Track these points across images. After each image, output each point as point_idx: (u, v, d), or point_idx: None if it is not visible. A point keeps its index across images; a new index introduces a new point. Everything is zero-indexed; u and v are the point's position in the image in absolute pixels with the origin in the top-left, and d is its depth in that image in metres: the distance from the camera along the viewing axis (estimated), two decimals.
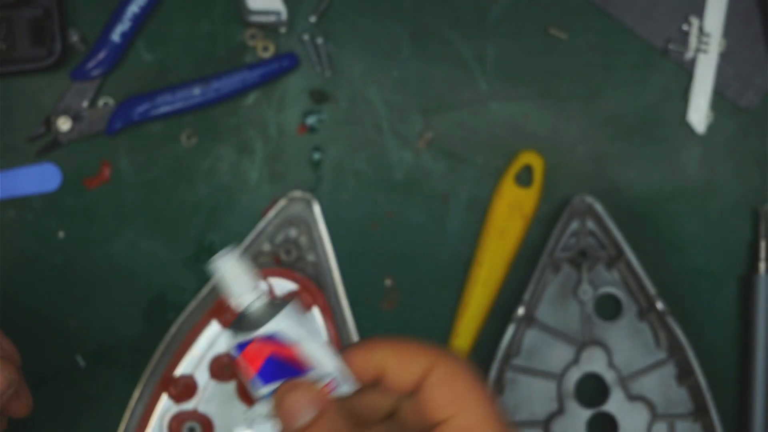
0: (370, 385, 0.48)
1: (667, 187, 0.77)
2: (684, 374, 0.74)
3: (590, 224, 0.75)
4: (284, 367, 0.47)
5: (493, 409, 0.46)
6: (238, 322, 0.47)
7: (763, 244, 0.76)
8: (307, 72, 0.77)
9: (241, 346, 0.46)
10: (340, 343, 0.75)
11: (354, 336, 0.75)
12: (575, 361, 0.75)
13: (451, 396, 0.46)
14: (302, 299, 0.75)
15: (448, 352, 0.47)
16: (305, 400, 0.46)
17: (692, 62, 0.77)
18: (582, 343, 0.75)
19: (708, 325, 0.77)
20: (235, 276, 0.47)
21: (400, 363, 0.47)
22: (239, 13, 0.76)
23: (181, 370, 0.75)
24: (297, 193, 0.76)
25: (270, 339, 0.46)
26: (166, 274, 0.77)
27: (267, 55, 0.76)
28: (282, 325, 0.46)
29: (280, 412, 0.47)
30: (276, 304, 0.47)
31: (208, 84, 0.75)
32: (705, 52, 0.76)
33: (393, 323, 0.77)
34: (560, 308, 0.76)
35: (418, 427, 0.48)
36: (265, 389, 0.47)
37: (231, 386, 0.75)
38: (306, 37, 0.76)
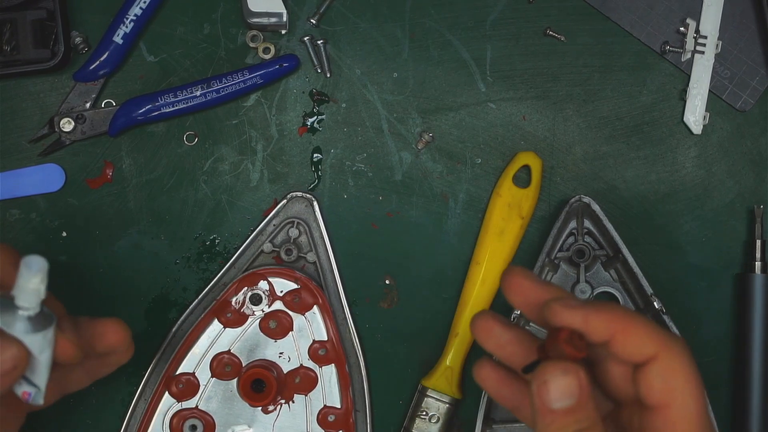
0: (599, 344, 0.50)
1: (663, 187, 0.78)
2: None
3: (588, 224, 0.76)
4: None
5: (700, 409, 0.48)
6: (5, 304, 0.54)
7: (758, 243, 0.76)
8: (308, 73, 0.77)
9: None
10: (340, 343, 0.76)
11: (354, 335, 0.76)
12: None
13: (665, 388, 0.48)
14: (303, 298, 0.75)
15: (676, 343, 0.49)
16: (576, 384, 0.48)
17: (689, 64, 0.77)
18: None
19: (704, 324, 0.78)
20: (30, 284, 0.53)
21: (628, 341, 0.49)
22: (240, 15, 0.76)
23: (182, 368, 0.75)
24: (297, 194, 0.76)
25: None
26: (167, 273, 0.77)
27: (268, 56, 0.77)
28: (18, 334, 0.54)
29: (539, 389, 0.49)
30: (33, 320, 0.54)
31: (209, 85, 0.75)
32: (701, 53, 0.77)
33: (392, 322, 0.77)
34: None
35: (627, 391, 0.51)
36: None
37: (232, 384, 0.75)
38: (307, 38, 0.77)
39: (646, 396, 0.49)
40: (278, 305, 0.76)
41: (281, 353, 0.76)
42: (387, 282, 0.78)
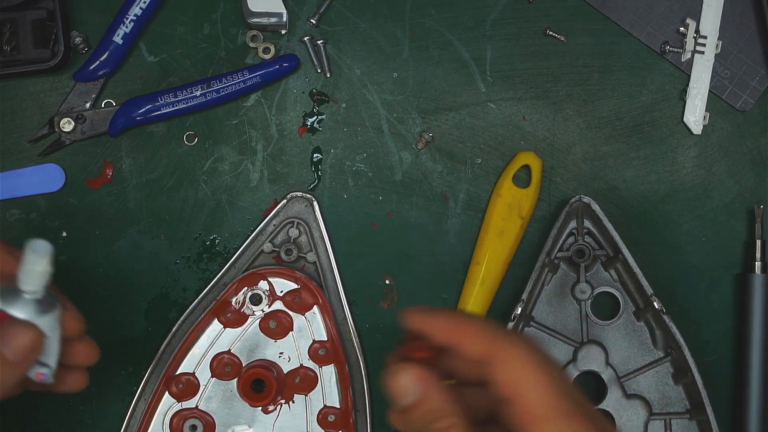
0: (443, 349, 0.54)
1: (663, 187, 0.78)
2: (680, 373, 0.75)
3: (588, 224, 0.76)
4: None
5: (553, 391, 0.50)
6: (9, 292, 0.56)
7: (758, 243, 0.76)
8: (308, 73, 0.77)
9: None
10: (340, 343, 0.76)
11: (354, 335, 0.76)
12: (573, 359, 0.75)
13: (510, 379, 0.51)
14: (303, 298, 0.75)
15: (511, 337, 0.52)
16: (412, 380, 0.53)
17: (689, 64, 0.77)
18: (579, 342, 0.75)
19: (704, 324, 0.78)
20: (37, 267, 0.55)
21: (465, 343, 0.52)
22: (240, 15, 0.77)
23: (182, 368, 0.75)
24: (297, 194, 0.76)
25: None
26: (167, 273, 0.77)
27: (268, 56, 0.77)
28: (29, 318, 0.56)
29: (391, 389, 0.54)
30: (41, 302, 0.56)
31: (209, 85, 0.75)
32: (701, 53, 0.77)
33: (392, 322, 0.77)
34: (558, 307, 0.76)
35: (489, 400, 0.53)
36: None
37: (232, 384, 0.75)
38: (306, 38, 0.77)
39: (498, 392, 0.51)
40: (278, 305, 0.76)
41: (281, 353, 0.76)
42: (387, 282, 0.78)
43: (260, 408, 0.75)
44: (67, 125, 0.76)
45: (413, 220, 0.78)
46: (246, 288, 0.75)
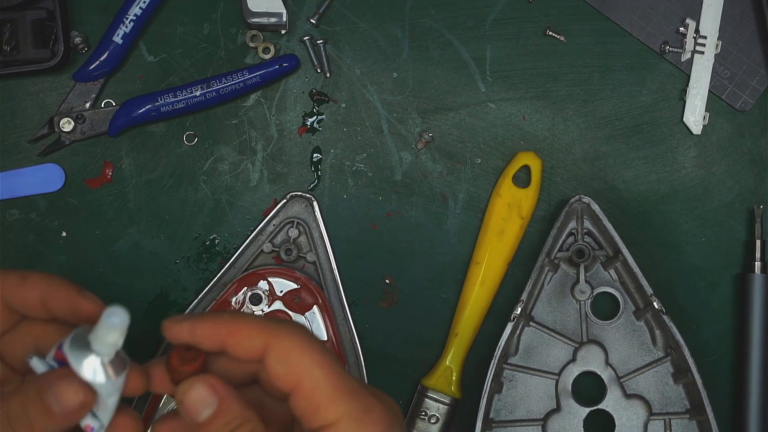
0: (219, 352, 0.51)
1: (663, 188, 0.78)
2: (680, 372, 0.75)
3: (587, 224, 0.76)
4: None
5: (332, 373, 0.49)
6: (83, 343, 0.52)
7: (758, 243, 0.76)
8: (308, 73, 0.78)
9: (60, 356, 0.51)
10: (340, 343, 0.76)
11: (353, 335, 0.76)
12: (573, 359, 0.75)
13: (287, 369, 0.49)
14: (302, 298, 0.75)
15: (282, 328, 0.50)
16: (207, 392, 0.50)
17: (688, 64, 0.77)
18: (579, 342, 0.75)
19: (704, 324, 0.78)
20: (109, 337, 0.52)
21: (237, 342, 0.50)
22: (240, 15, 0.77)
23: None
24: (297, 193, 0.76)
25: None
26: (167, 273, 0.77)
27: (268, 56, 0.77)
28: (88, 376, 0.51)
29: (183, 408, 0.50)
30: (108, 366, 0.52)
31: (209, 85, 0.75)
32: (701, 53, 0.77)
33: (392, 322, 0.77)
34: (558, 307, 0.76)
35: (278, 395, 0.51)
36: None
37: None
38: (306, 38, 0.77)
39: (279, 386, 0.50)
40: (278, 305, 0.76)
41: None
42: (387, 282, 0.78)
43: None
44: (66, 125, 0.76)
45: (413, 220, 0.78)
46: (246, 288, 0.75)
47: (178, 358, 0.51)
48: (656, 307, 0.73)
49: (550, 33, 0.77)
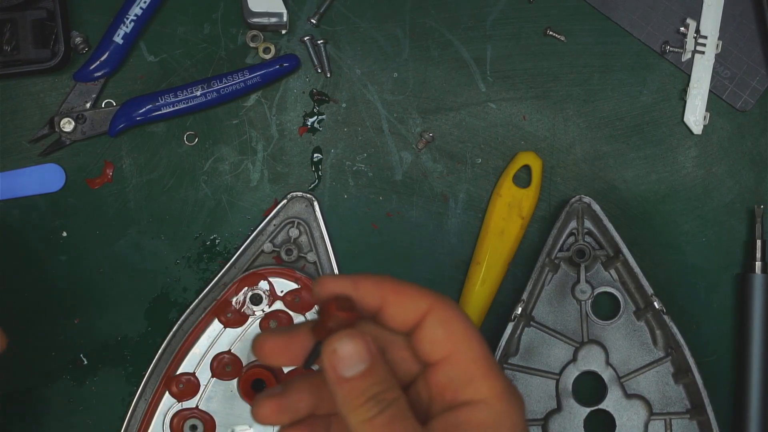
0: (370, 317, 0.50)
1: (663, 187, 0.78)
2: (680, 372, 0.75)
3: (588, 224, 0.76)
4: None
5: (485, 349, 0.49)
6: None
7: (758, 243, 0.76)
8: (308, 73, 0.78)
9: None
10: None
11: None
12: (573, 359, 0.75)
13: (448, 336, 0.49)
14: (303, 298, 0.75)
15: (445, 297, 0.50)
16: (363, 348, 0.48)
17: (689, 64, 0.77)
18: (580, 342, 0.75)
19: (704, 324, 0.78)
20: None
21: (401, 301, 0.49)
22: (241, 15, 0.77)
23: (182, 368, 0.75)
24: (297, 193, 0.76)
25: None
26: (168, 273, 0.77)
27: (268, 56, 0.77)
28: None
29: (330, 360, 0.48)
30: None
31: (209, 85, 0.75)
32: (701, 53, 0.77)
33: None
34: (558, 307, 0.76)
35: (409, 369, 0.50)
36: None
37: (232, 384, 0.75)
38: (307, 38, 0.77)
39: (430, 352, 0.49)
40: (278, 305, 0.76)
41: None
42: None
43: None
44: (67, 125, 0.76)
45: (413, 220, 0.78)
46: (246, 288, 0.75)
47: (336, 305, 0.48)
48: (657, 307, 0.73)
49: (551, 33, 0.77)
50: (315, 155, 0.78)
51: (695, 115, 0.77)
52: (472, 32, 0.77)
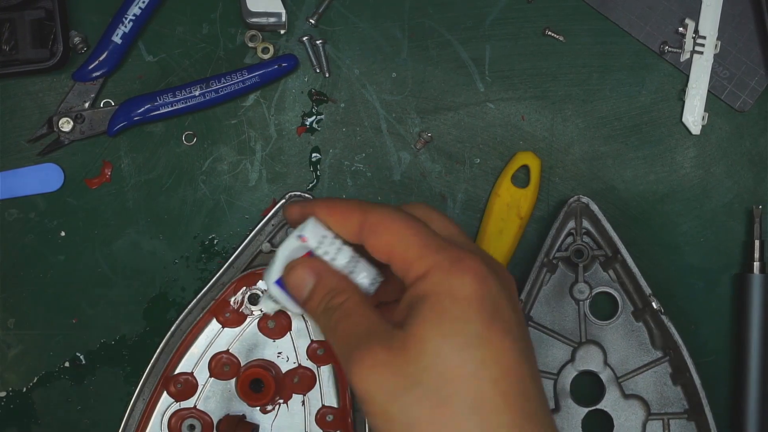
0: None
1: (662, 188, 0.78)
2: (678, 373, 0.75)
3: (586, 224, 0.76)
4: None
5: (421, 234, 0.53)
6: None
7: (756, 243, 0.76)
8: (307, 73, 0.78)
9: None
10: None
11: None
12: (571, 359, 0.75)
13: (378, 238, 0.54)
14: None
15: (374, 205, 0.55)
16: (305, 271, 0.56)
17: (687, 64, 0.77)
18: (578, 342, 0.75)
19: (702, 324, 0.78)
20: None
21: (336, 222, 0.56)
22: (239, 15, 0.77)
23: (180, 368, 0.75)
24: (296, 193, 0.76)
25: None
26: (166, 273, 0.77)
27: (267, 56, 0.77)
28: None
29: (292, 291, 0.57)
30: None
31: (208, 85, 0.75)
32: (700, 53, 0.77)
33: None
34: (556, 307, 0.76)
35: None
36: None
37: (230, 384, 0.75)
38: (305, 38, 0.77)
39: (379, 259, 0.54)
40: None
41: (279, 353, 0.76)
42: None
43: (258, 408, 0.75)
44: (65, 125, 0.76)
45: None
46: (244, 288, 0.75)
47: None
48: (655, 307, 0.73)
49: (549, 33, 0.77)
50: (313, 155, 0.78)
51: (694, 116, 0.77)
52: (470, 32, 0.78)
